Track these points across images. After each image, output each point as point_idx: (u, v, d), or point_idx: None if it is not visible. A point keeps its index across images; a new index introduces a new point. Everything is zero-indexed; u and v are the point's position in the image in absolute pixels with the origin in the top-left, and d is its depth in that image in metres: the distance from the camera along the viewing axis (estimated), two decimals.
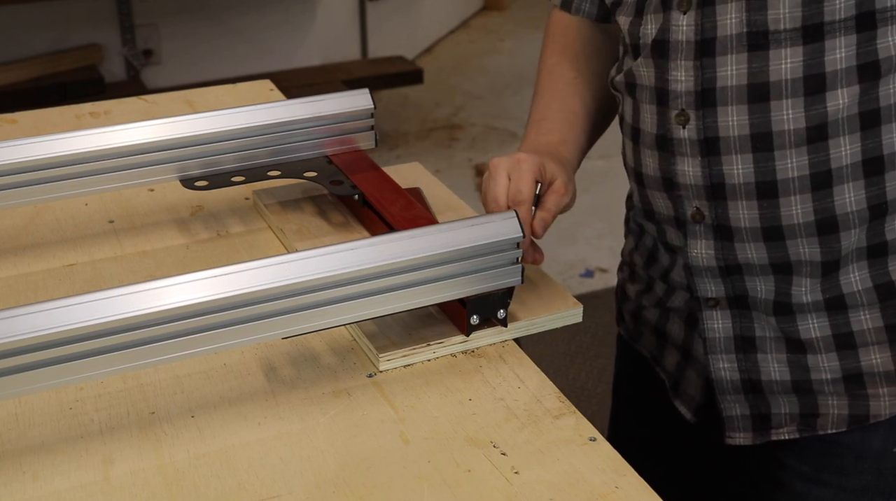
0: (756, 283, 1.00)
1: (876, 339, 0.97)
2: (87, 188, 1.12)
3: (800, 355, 1.00)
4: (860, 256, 0.96)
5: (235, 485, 0.81)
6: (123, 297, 0.83)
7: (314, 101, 1.20)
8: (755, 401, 1.04)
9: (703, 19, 0.93)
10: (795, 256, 0.96)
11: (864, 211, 0.94)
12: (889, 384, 0.97)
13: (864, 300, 0.96)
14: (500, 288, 0.95)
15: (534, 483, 0.81)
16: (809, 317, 0.98)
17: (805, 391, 1.01)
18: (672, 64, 0.96)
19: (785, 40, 0.90)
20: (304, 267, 0.87)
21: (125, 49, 3.59)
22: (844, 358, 0.98)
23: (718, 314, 1.03)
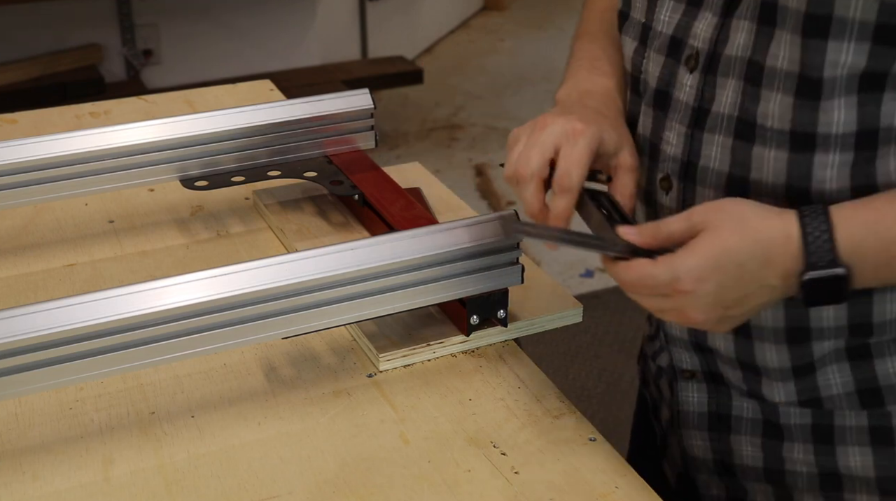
0: (727, 370, 0.92)
1: (857, 439, 0.87)
2: (87, 188, 1.12)
3: (775, 441, 0.91)
4: (839, 359, 0.87)
5: (235, 485, 0.81)
6: (123, 297, 0.83)
7: (314, 101, 1.20)
8: (730, 484, 0.97)
9: (705, 86, 0.84)
10: (762, 361, 0.89)
11: (843, 327, 0.85)
12: (868, 492, 0.88)
13: (846, 403, 0.87)
14: (500, 287, 0.95)
15: (534, 483, 0.81)
16: (789, 410, 0.90)
17: (778, 482, 0.93)
18: (669, 123, 0.87)
19: (771, 141, 0.80)
20: (304, 267, 0.87)
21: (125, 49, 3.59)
22: (821, 454, 0.89)
23: (694, 386, 0.95)
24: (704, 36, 0.84)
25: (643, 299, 0.77)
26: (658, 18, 0.88)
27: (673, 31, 0.87)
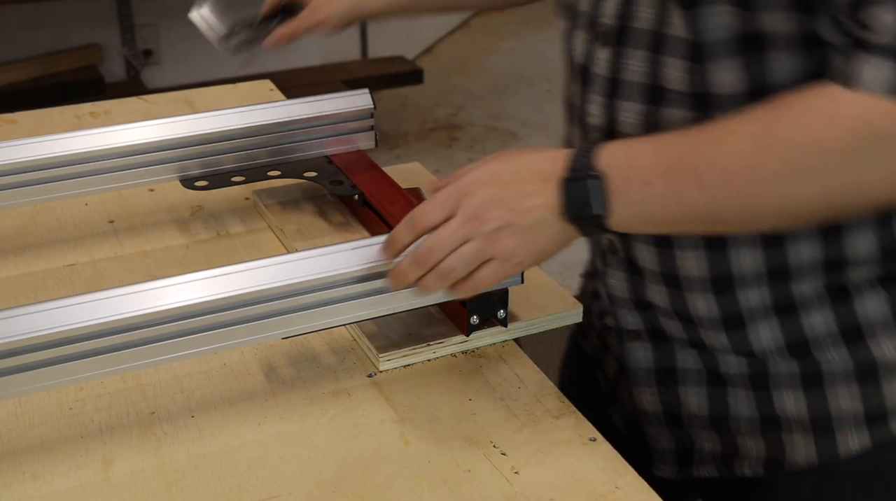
0: (668, 323, 0.97)
1: (790, 384, 0.92)
2: (87, 188, 1.12)
3: (719, 388, 0.96)
4: (768, 314, 0.91)
5: (235, 485, 0.81)
6: (123, 297, 0.83)
7: (314, 101, 1.20)
8: (678, 435, 1.01)
9: (617, 58, 0.91)
10: (695, 310, 0.93)
11: (762, 274, 0.90)
12: (804, 431, 0.93)
13: (777, 354, 0.92)
14: (500, 287, 0.95)
15: (534, 483, 0.81)
16: (727, 358, 0.94)
17: (723, 429, 0.97)
18: (590, 96, 0.94)
19: (676, 101, 0.87)
20: (304, 267, 0.87)
21: (125, 49, 3.58)
22: (760, 398, 0.94)
23: (639, 345, 1.00)
24: (612, 13, 0.90)
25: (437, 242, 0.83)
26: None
27: (590, 9, 0.94)
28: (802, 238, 0.88)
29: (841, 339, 0.90)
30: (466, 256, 0.83)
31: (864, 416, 0.91)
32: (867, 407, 0.91)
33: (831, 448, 0.93)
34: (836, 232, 0.87)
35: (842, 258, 0.88)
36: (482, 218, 0.82)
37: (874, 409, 0.91)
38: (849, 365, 0.90)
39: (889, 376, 0.90)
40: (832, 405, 0.91)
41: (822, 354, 0.91)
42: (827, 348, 0.90)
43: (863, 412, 0.91)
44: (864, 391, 0.91)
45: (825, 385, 0.91)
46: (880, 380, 0.90)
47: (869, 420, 0.91)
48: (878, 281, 0.90)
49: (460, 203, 0.83)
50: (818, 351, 0.91)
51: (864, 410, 0.91)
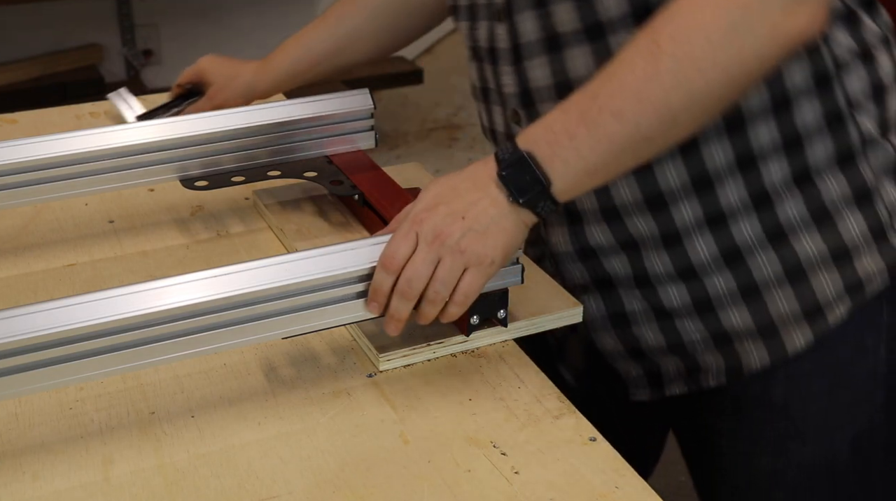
0: (612, 262, 1.04)
1: (732, 301, 1.00)
2: (87, 188, 1.12)
3: (668, 322, 1.04)
4: (701, 227, 0.98)
5: (235, 485, 0.81)
6: (123, 297, 0.83)
7: (314, 101, 1.20)
8: (645, 363, 1.09)
9: (512, 28, 1.00)
10: (637, 234, 1.00)
11: (688, 184, 0.97)
12: (753, 339, 1.01)
13: (714, 267, 0.99)
14: (500, 287, 0.95)
15: (534, 483, 0.81)
16: (669, 287, 1.01)
17: (682, 353, 1.05)
18: (502, 69, 1.03)
19: (573, 41, 0.95)
20: (304, 267, 0.87)
21: (125, 49, 3.58)
22: (707, 322, 1.02)
23: (590, 297, 1.07)
24: None
25: (413, 273, 0.87)
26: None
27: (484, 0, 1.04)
28: (713, 140, 0.94)
29: (768, 243, 0.97)
30: (443, 275, 0.87)
31: (802, 314, 0.99)
32: (803, 304, 0.99)
33: (780, 349, 1.01)
34: (741, 126, 0.94)
35: (751, 153, 0.95)
36: (442, 235, 0.87)
37: (810, 305, 0.99)
38: (778, 268, 0.98)
39: (815, 272, 0.98)
40: (772, 310, 0.99)
41: (753, 260, 0.98)
42: (757, 253, 0.98)
43: (800, 310, 0.99)
44: (796, 290, 0.98)
45: (762, 292, 0.99)
46: (809, 277, 0.98)
47: (807, 316, 0.99)
48: (793, 183, 0.96)
49: (419, 231, 0.88)
50: (750, 257, 0.98)
51: (801, 308, 0.99)
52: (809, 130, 0.95)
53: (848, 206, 0.97)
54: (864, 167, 0.97)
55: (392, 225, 0.93)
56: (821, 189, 0.97)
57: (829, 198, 0.97)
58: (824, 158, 0.96)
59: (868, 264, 0.99)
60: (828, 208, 0.97)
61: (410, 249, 0.87)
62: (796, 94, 0.95)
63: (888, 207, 0.99)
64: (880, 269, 1.00)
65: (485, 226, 0.87)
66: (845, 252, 0.98)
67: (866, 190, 0.98)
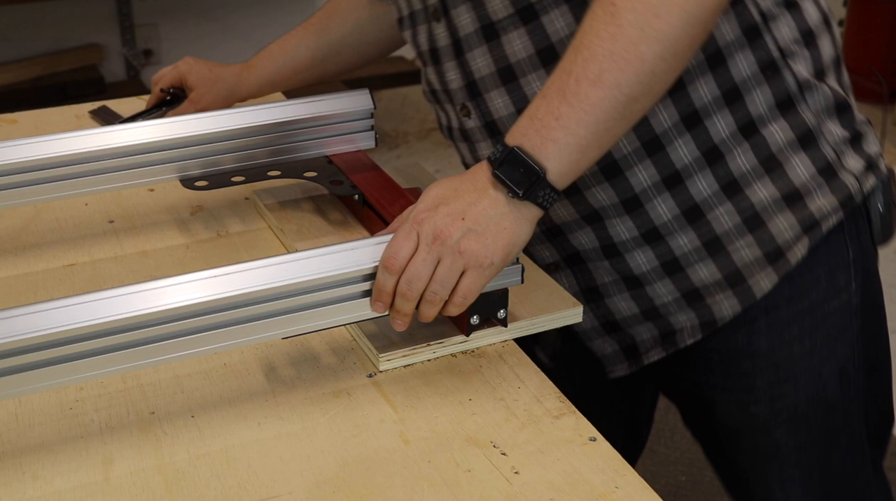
0: (578, 237, 1.07)
1: (698, 257, 1.04)
2: (87, 188, 1.12)
3: (639, 289, 1.07)
4: (658, 189, 1.01)
5: (235, 485, 0.81)
6: (123, 297, 0.83)
7: (314, 101, 1.20)
8: (620, 337, 1.12)
9: (450, 24, 1.04)
10: (597, 203, 1.03)
11: (639, 149, 1.00)
12: (722, 290, 1.05)
13: (677, 226, 1.02)
14: (500, 287, 0.95)
15: (534, 483, 0.81)
16: (636, 254, 1.05)
17: (656, 316, 1.09)
18: (445, 67, 1.06)
19: (508, 26, 0.99)
20: (304, 267, 0.87)
21: (125, 49, 3.59)
22: (677, 281, 1.06)
23: (561, 275, 1.11)
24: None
25: (414, 274, 0.87)
26: (411, 3, 1.09)
27: (421, 3, 1.07)
28: (657, 103, 0.96)
29: (724, 196, 1.01)
30: (442, 276, 0.88)
31: (765, 258, 1.03)
32: (765, 249, 1.03)
33: (749, 295, 1.05)
34: (681, 87, 0.97)
35: (694, 112, 0.98)
36: (442, 235, 0.87)
37: (771, 250, 1.03)
38: (737, 219, 1.02)
39: (772, 217, 1.02)
40: (736, 259, 1.03)
41: (712, 215, 1.02)
42: (715, 207, 1.01)
43: (762, 255, 1.03)
44: (757, 237, 1.03)
45: (725, 244, 1.03)
46: (766, 223, 1.02)
47: (770, 260, 1.04)
48: (739, 135, 1.00)
49: (420, 231, 0.88)
50: (709, 212, 1.02)
51: (764, 253, 1.03)
52: (746, 82, 0.99)
53: (794, 150, 1.01)
54: (804, 111, 1.01)
55: (394, 225, 0.93)
56: (766, 137, 1.00)
57: (776, 145, 1.01)
58: (765, 107, 1.00)
59: (821, 203, 1.03)
60: (775, 155, 1.01)
61: (411, 249, 0.88)
62: (728, 49, 0.97)
63: (833, 147, 1.03)
64: (834, 207, 1.04)
65: (484, 226, 0.87)
66: (797, 194, 1.02)
67: (809, 132, 1.02)
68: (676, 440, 2.20)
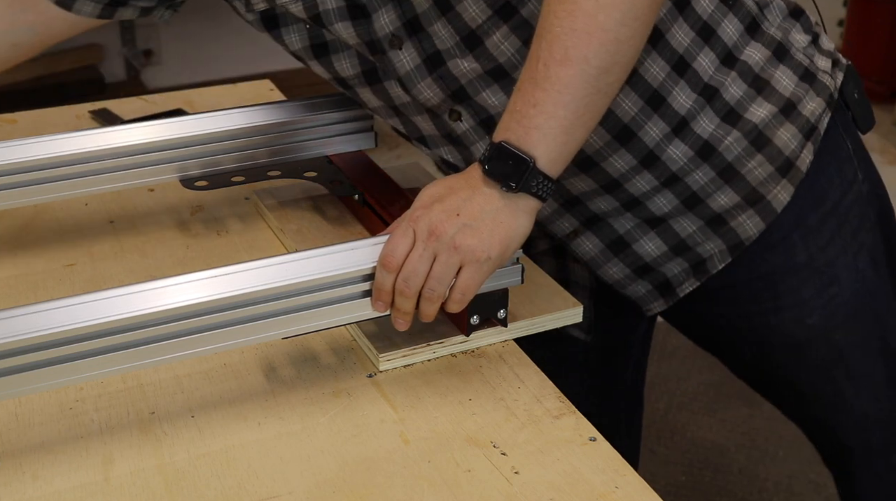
0: (599, 203, 1.08)
1: (716, 187, 1.06)
2: (87, 188, 1.12)
3: (663, 226, 1.10)
4: (670, 138, 1.03)
5: (235, 485, 0.81)
6: (123, 297, 0.83)
7: (314, 101, 1.20)
8: (652, 277, 1.14)
9: (419, 45, 1.02)
10: (616, 173, 1.05)
11: (644, 107, 1.02)
12: (744, 210, 1.08)
13: (692, 165, 1.05)
14: (500, 287, 0.95)
15: (534, 483, 0.81)
16: (656, 198, 1.07)
17: (685, 249, 1.11)
18: (418, 87, 1.05)
19: (490, 29, 0.98)
20: (304, 267, 0.88)
21: (125, 49, 3.58)
22: (700, 212, 1.08)
23: (583, 239, 1.12)
24: (391, 21, 1.01)
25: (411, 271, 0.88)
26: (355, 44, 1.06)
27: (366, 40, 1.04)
28: (645, 61, 0.99)
29: (728, 125, 1.04)
30: (439, 272, 0.88)
31: (777, 172, 1.06)
32: (774, 163, 1.06)
33: (770, 210, 1.08)
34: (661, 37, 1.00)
35: (678, 56, 1.01)
36: (438, 231, 0.87)
37: (781, 163, 1.06)
38: (744, 143, 1.05)
39: (773, 131, 1.05)
40: (751, 179, 1.06)
41: (723, 145, 1.04)
42: (723, 138, 1.04)
43: (774, 169, 1.06)
44: (765, 154, 1.05)
45: (738, 169, 1.05)
46: (772, 139, 1.05)
47: (782, 172, 1.07)
48: (723, 66, 1.03)
49: (416, 228, 0.88)
50: (719, 144, 1.04)
51: (775, 167, 1.06)
52: (713, 15, 1.02)
53: (774, 66, 1.06)
54: (769, 28, 1.06)
55: (392, 226, 0.93)
56: (746, 61, 1.04)
57: (757, 65, 1.04)
58: (737, 35, 1.03)
59: (812, 106, 1.07)
60: (759, 75, 1.05)
61: (408, 247, 0.88)
62: None
63: (804, 52, 1.08)
64: (822, 107, 1.08)
65: (479, 221, 0.88)
66: (791, 104, 1.06)
67: (781, 46, 1.06)
68: (676, 440, 2.20)
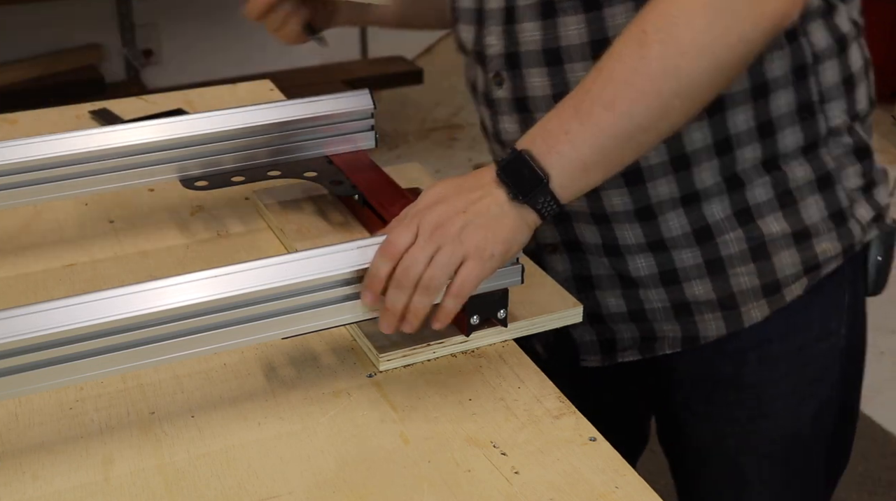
0: (583, 229, 1.07)
1: (697, 274, 1.04)
2: (87, 188, 1.12)
3: (632, 290, 1.08)
4: (675, 205, 1.02)
5: (235, 485, 0.81)
6: (123, 297, 0.83)
7: (314, 101, 1.20)
8: (600, 329, 1.13)
9: None
10: (610, 207, 1.03)
11: (667, 163, 1.00)
12: (712, 310, 1.06)
13: (684, 242, 1.03)
14: (500, 287, 0.95)
15: (534, 483, 0.81)
16: (637, 258, 1.05)
17: (641, 319, 1.09)
18: (488, 30, 1.04)
19: (568, 9, 0.97)
20: (304, 267, 0.87)
21: (125, 49, 3.59)
22: (671, 292, 1.06)
23: (558, 257, 1.11)
24: None
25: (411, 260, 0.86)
26: None
27: None
28: (693, 122, 0.97)
29: (736, 222, 1.02)
30: (441, 262, 0.87)
31: (761, 289, 1.04)
32: (763, 280, 1.04)
33: (738, 321, 1.05)
34: (720, 111, 0.97)
35: (727, 138, 0.99)
36: (444, 225, 0.87)
37: (769, 282, 1.04)
38: (744, 246, 1.02)
39: (776, 250, 1.03)
40: (734, 284, 1.04)
41: (721, 237, 1.02)
42: (725, 231, 1.02)
43: (760, 286, 1.04)
44: (758, 266, 1.03)
45: (727, 267, 1.03)
46: (771, 255, 1.03)
47: (766, 292, 1.04)
48: (762, 167, 1.01)
49: (420, 223, 0.88)
50: (718, 235, 1.02)
51: (761, 284, 1.04)
52: (782, 119, 1.00)
53: (811, 191, 1.02)
54: (826, 155, 1.03)
55: (393, 222, 0.93)
56: (787, 173, 1.01)
57: (794, 183, 1.02)
58: (793, 146, 1.01)
59: (826, 246, 1.04)
60: (792, 191, 1.02)
61: (410, 239, 0.87)
62: (774, 84, 0.98)
63: (848, 194, 1.04)
64: (837, 252, 1.05)
65: (486, 219, 0.88)
66: (806, 233, 1.03)
67: (828, 176, 1.03)
68: None
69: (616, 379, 1.20)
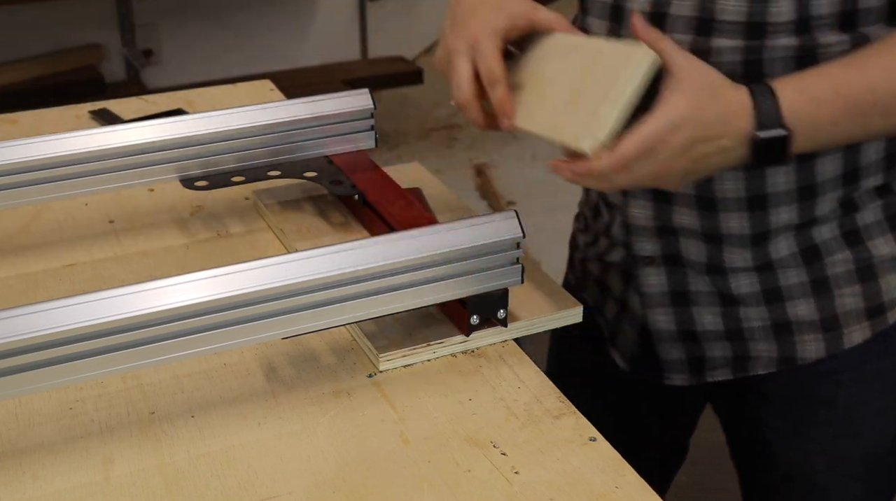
0: (689, 246, 1.05)
1: (801, 293, 1.03)
2: (87, 188, 1.12)
3: (731, 307, 1.06)
4: (789, 229, 1.01)
5: (235, 485, 0.81)
6: (123, 297, 0.83)
7: (314, 101, 1.20)
8: (691, 348, 1.10)
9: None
10: (726, 229, 1.01)
11: (794, 191, 0.99)
12: (814, 331, 1.04)
13: (792, 262, 1.02)
14: (500, 287, 0.95)
15: (534, 483, 0.81)
16: (741, 276, 1.04)
17: (737, 338, 1.07)
18: (624, 33, 0.97)
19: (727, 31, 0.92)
20: (304, 267, 0.87)
21: (125, 49, 3.59)
22: (773, 310, 1.04)
23: (654, 271, 1.08)
24: None
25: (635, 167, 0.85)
26: None
27: None
28: (829, 155, 0.97)
29: (844, 243, 1.01)
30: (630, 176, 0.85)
31: (865, 311, 1.03)
32: (868, 302, 1.03)
33: (838, 343, 1.04)
34: (857, 143, 0.97)
35: (857, 168, 0.99)
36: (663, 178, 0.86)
37: (874, 304, 1.03)
38: (850, 267, 1.02)
39: (885, 271, 1.02)
40: (839, 305, 1.03)
41: (829, 258, 1.01)
42: (833, 252, 1.01)
43: (864, 308, 1.03)
44: (864, 288, 1.02)
45: (832, 288, 1.02)
46: (878, 277, 1.02)
47: (869, 314, 1.03)
48: (874, 191, 1.01)
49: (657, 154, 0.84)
50: (827, 255, 1.01)
51: (866, 305, 1.03)
52: None
53: None
54: None
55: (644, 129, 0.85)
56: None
57: None
58: None
59: None
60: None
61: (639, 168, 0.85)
62: None
63: None
64: None
65: (705, 170, 0.87)
66: None
67: None
68: None
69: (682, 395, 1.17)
